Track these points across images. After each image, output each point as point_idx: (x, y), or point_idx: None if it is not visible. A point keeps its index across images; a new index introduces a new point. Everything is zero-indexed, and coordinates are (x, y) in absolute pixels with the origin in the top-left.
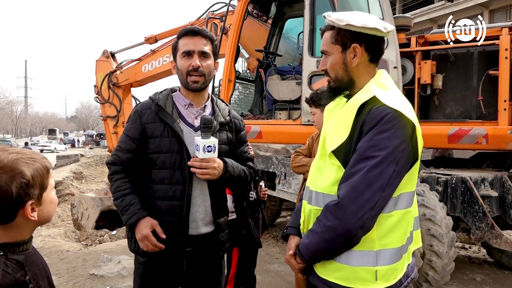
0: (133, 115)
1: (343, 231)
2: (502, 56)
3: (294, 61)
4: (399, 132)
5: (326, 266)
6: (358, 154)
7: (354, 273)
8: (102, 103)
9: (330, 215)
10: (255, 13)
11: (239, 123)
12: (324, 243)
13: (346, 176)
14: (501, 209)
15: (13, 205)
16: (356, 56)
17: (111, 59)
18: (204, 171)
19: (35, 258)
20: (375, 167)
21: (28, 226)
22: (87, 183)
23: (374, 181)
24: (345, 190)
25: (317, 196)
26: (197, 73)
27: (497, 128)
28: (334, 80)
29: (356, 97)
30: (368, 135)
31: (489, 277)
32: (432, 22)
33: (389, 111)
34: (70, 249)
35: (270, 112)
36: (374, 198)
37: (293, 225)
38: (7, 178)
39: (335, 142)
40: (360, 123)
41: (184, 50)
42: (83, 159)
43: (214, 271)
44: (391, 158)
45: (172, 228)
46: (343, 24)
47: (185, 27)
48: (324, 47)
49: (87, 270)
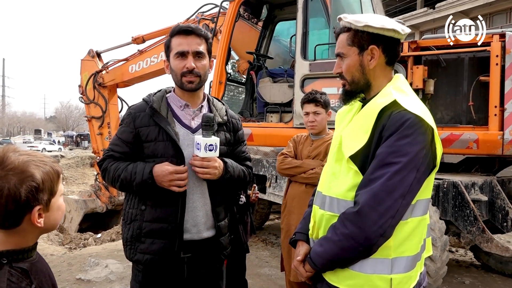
0: (126, 117)
1: (363, 240)
2: (493, 63)
3: (284, 64)
4: (421, 138)
5: (338, 273)
6: (379, 160)
7: (369, 281)
8: (87, 103)
9: (349, 223)
10: (246, 15)
11: (236, 122)
12: (341, 252)
13: (366, 182)
14: (490, 213)
15: (21, 210)
16: (373, 58)
17: (97, 58)
18: (205, 170)
19: (40, 265)
20: (396, 174)
21: (33, 233)
22: (68, 184)
23: (395, 188)
24: (366, 197)
25: (331, 202)
26: (192, 74)
27: (487, 133)
28: (350, 83)
29: (375, 101)
30: (389, 140)
31: (478, 280)
32: (415, 29)
33: (410, 116)
34: (54, 252)
35: (261, 115)
36: (395, 206)
37: (302, 231)
38: (17, 180)
39: (354, 147)
40: (380, 128)
41: (178, 51)
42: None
43: (215, 277)
44: (413, 164)
45: (167, 234)
46: (361, 25)
47: (178, 25)
48: (339, 49)
49: (73, 275)
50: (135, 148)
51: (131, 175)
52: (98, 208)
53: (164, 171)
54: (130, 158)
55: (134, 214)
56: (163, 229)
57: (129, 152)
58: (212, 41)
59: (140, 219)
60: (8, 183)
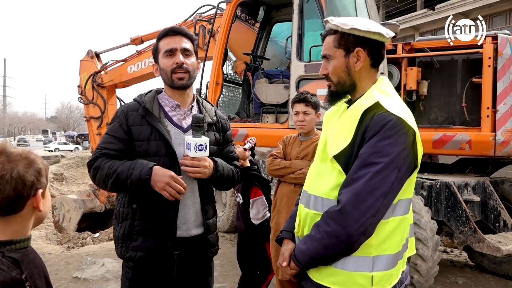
0: (119, 115)
1: (345, 237)
2: (486, 64)
3: (281, 65)
4: (402, 139)
5: (321, 271)
6: (361, 160)
7: (350, 278)
8: (86, 103)
9: (331, 221)
10: (243, 16)
11: (225, 123)
12: (323, 249)
13: (348, 182)
14: (483, 214)
15: (27, 193)
16: (359, 60)
17: (96, 59)
18: (196, 170)
19: (32, 257)
20: (378, 174)
21: (30, 220)
22: (68, 184)
23: (376, 187)
24: (348, 196)
25: (316, 200)
26: (182, 69)
27: (480, 135)
28: (336, 84)
29: (359, 102)
30: (371, 141)
31: (471, 280)
32: (415, 30)
33: (392, 117)
34: (52, 251)
35: (257, 115)
36: (376, 204)
37: (288, 229)
38: (25, 164)
39: (338, 147)
40: (363, 129)
41: (167, 49)
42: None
43: (203, 274)
44: (394, 165)
45: (159, 232)
46: (347, 28)
47: (164, 28)
48: (326, 51)
49: (70, 273)
50: (128, 145)
51: (128, 169)
52: (96, 207)
53: (166, 173)
54: (125, 155)
55: (126, 213)
56: (156, 227)
57: (124, 149)
58: (197, 43)
59: (132, 218)
60: (17, 166)
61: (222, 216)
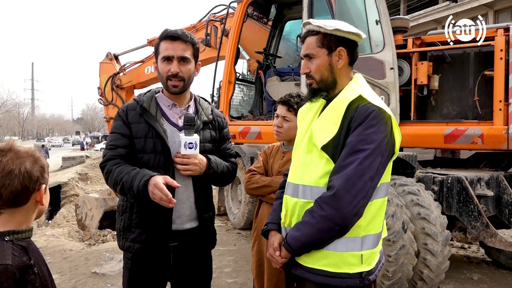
0: (120, 113)
1: (340, 220)
2: (498, 57)
3: (294, 62)
4: (383, 128)
5: (313, 255)
6: (349, 148)
7: (342, 258)
8: (105, 104)
9: (326, 205)
10: (255, 15)
11: (222, 121)
12: (318, 233)
13: (338, 168)
14: (497, 209)
15: (32, 187)
16: (341, 58)
17: (115, 61)
18: (185, 167)
19: (34, 246)
20: (365, 159)
21: (33, 213)
22: (92, 184)
23: (365, 172)
24: (340, 181)
25: (304, 190)
26: (176, 78)
27: (492, 128)
28: (319, 81)
29: (341, 96)
30: (357, 130)
31: (486, 276)
32: (437, 23)
33: (374, 108)
34: (73, 248)
35: (270, 113)
36: (366, 187)
37: (273, 221)
38: (31, 161)
39: (325, 137)
40: (348, 120)
41: (164, 55)
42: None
43: (200, 266)
44: (378, 150)
45: (156, 225)
46: (331, 29)
47: (166, 30)
48: (309, 50)
49: (89, 269)
50: (131, 141)
51: (131, 180)
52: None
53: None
54: (132, 150)
55: (125, 206)
56: (152, 220)
57: (129, 143)
58: (198, 46)
59: (130, 211)
60: (25, 163)
61: (237, 213)
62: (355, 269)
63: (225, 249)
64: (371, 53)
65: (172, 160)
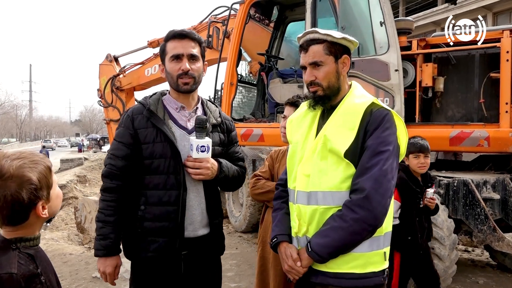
0: (125, 120)
1: (373, 220)
2: (504, 59)
3: (296, 64)
4: (394, 129)
5: (338, 259)
6: (371, 150)
7: (368, 258)
8: (105, 106)
9: (358, 208)
10: (257, 16)
11: (229, 124)
12: (351, 236)
13: (362, 171)
14: (503, 212)
15: (26, 208)
16: (345, 65)
17: (114, 63)
18: (197, 171)
19: (42, 253)
20: (387, 160)
21: (38, 223)
22: (91, 186)
23: (388, 172)
24: (369, 183)
25: (325, 196)
26: (187, 76)
27: (498, 131)
28: (326, 88)
29: (352, 102)
30: (375, 133)
31: (492, 280)
32: (435, 25)
33: (387, 112)
34: (73, 252)
35: (272, 115)
36: (390, 186)
37: (283, 233)
38: (16, 186)
39: (345, 142)
40: (364, 124)
41: (173, 54)
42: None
43: (211, 273)
44: (394, 151)
45: (168, 233)
46: (338, 38)
47: (172, 30)
48: (316, 58)
49: (90, 273)
50: (134, 149)
51: (98, 234)
52: None
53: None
54: (133, 160)
55: (134, 214)
56: (164, 227)
57: (130, 154)
58: (205, 45)
59: (140, 219)
60: (9, 190)
61: (239, 216)
62: (380, 267)
63: (227, 252)
64: (375, 55)
65: (182, 164)
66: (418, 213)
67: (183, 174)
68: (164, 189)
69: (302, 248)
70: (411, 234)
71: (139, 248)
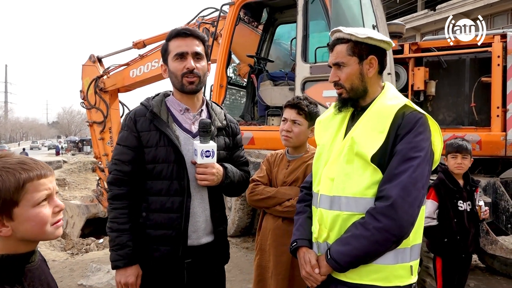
0: (128, 122)
1: (397, 230)
2: (495, 63)
3: (285, 67)
4: (428, 135)
5: (360, 270)
6: (401, 156)
7: (393, 271)
8: (88, 108)
9: (381, 216)
10: (246, 18)
11: (235, 127)
12: (373, 246)
13: (391, 177)
14: (494, 215)
15: None
16: (372, 67)
17: (98, 64)
18: (202, 177)
19: (39, 272)
20: (418, 167)
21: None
22: (70, 190)
23: (418, 180)
24: (396, 190)
25: (348, 201)
26: (192, 74)
27: (490, 135)
28: (349, 90)
29: (384, 104)
30: (407, 137)
31: (482, 283)
32: (416, 31)
33: (421, 115)
34: (56, 258)
35: (262, 118)
36: (420, 195)
37: (304, 237)
38: None
39: (374, 146)
40: (396, 127)
41: (177, 52)
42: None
43: (215, 282)
44: (427, 158)
45: (170, 241)
46: (362, 37)
47: (175, 29)
48: (339, 59)
49: (75, 281)
50: (139, 152)
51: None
52: (100, 213)
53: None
54: (139, 164)
55: (135, 221)
56: (167, 235)
57: (136, 158)
58: (209, 44)
59: (142, 226)
60: None
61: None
62: (406, 282)
63: None
64: None
65: (186, 169)
66: (457, 215)
67: (187, 179)
68: (167, 195)
69: (321, 255)
70: (447, 236)
71: (141, 256)
